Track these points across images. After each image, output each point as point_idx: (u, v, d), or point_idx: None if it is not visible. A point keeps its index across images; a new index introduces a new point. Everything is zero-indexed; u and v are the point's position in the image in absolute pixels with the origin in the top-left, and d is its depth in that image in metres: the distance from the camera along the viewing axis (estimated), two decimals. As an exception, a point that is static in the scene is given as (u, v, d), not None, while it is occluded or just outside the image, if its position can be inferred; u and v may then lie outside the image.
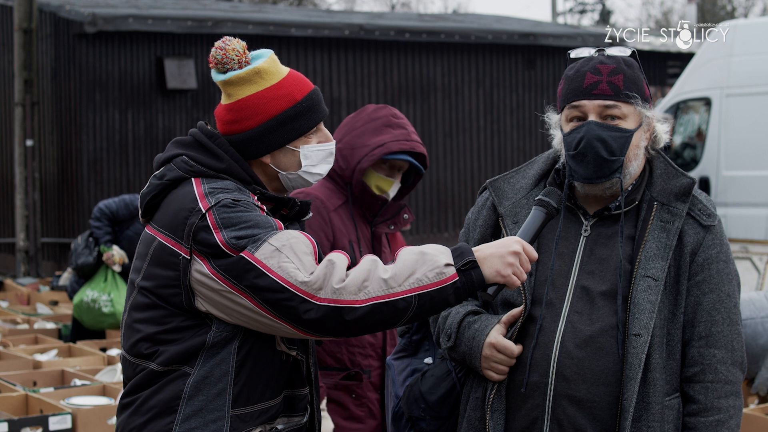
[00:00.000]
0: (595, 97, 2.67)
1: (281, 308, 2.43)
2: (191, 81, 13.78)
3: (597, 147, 2.65)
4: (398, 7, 40.06)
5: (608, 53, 2.73)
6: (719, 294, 2.70)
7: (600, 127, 2.66)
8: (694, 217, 2.72)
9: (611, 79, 2.67)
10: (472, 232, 2.89)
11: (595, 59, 2.72)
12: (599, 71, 2.68)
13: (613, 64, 2.70)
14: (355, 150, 3.81)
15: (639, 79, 2.72)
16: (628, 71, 2.70)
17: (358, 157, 3.80)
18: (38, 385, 6.07)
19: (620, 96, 2.67)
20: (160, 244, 2.57)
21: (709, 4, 36.25)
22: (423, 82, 15.68)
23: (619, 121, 2.68)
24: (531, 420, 2.68)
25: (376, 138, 3.81)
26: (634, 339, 2.61)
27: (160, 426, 2.55)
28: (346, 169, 3.82)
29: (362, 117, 3.90)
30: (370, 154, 3.79)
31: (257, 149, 2.67)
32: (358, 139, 3.83)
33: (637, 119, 2.70)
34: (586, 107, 2.68)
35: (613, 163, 2.66)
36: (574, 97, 2.70)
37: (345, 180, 3.84)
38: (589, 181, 2.70)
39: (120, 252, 8.09)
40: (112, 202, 8.33)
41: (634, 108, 2.69)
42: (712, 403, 2.67)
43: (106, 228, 8.22)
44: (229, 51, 2.65)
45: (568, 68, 2.77)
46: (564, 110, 2.74)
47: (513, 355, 2.69)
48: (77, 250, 8.28)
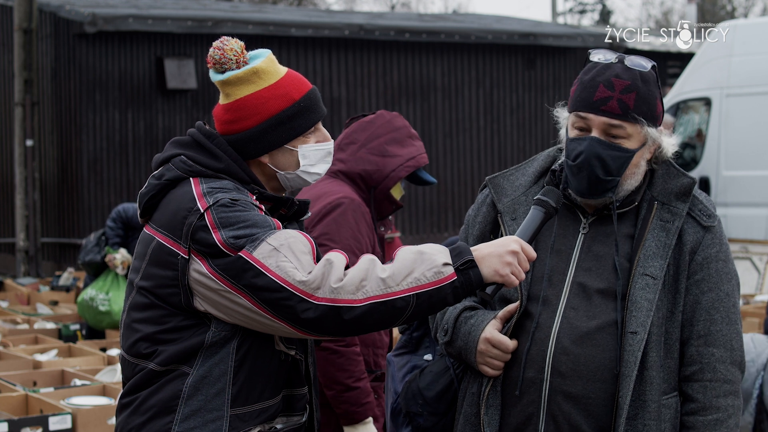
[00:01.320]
0: (603, 113, 2.63)
1: (279, 307, 2.44)
2: (191, 81, 13.78)
3: (594, 165, 2.63)
4: (398, 7, 40.06)
5: (627, 63, 2.67)
6: (718, 293, 2.70)
7: (601, 144, 2.63)
8: (694, 217, 2.72)
9: (622, 97, 2.62)
10: (471, 229, 2.89)
11: (611, 70, 2.65)
12: (613, 86, 2.63)
13: (629, 80, 2.63)
14: (386, 158, 3.86)
15: (652, 97, 2.67)
16: (643, 88, 2.64)
17: (393, 166, 3.86)
18: (38, 385, 6.07)
19: (628, 117, 2.63)
20: (158, 243, 2.57)
21: (709, 4, 36.25)
22: (423, 82, 15.68)
23: (622, 141, 2.64)
24: (526, 416, 2.68)
25: (404, 149, 3.90)
26: (631, 336, 2.61)
27: (159, 426, 2.55)
28: (374, 173, 3.85)
29: (382, 124, 3.93)
30: (405, 164, 3.87)
31: (255, 149, 2.67)
32: (388, 147, 3.88)
33: (641, 139, 2.67)
34: (592, 121, 2.65)
35: (608, 182, 2.65)
36: (582, 107, 2.66)
37: (370, 184, 3.87)
38: (581, 195, 2.70)
39: (126, 255, 8.16)
40: (131, 207, 8.54)
41: (641, 128, 2.65)
42: (711, 402, 2.67)
43: (118, 231, 8.37)
44: (227, 51, 2.65)
45: (585, 70, 2.71)
46: (572, 114, 2.71)
47: (508, 350, 2.69)
48: (87, 247, 8.40)
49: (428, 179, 4.07)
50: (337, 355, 3.62)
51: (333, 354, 3.62)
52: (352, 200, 3.75)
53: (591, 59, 2.72)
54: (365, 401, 3.66)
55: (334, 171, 3.84)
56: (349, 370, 3.63)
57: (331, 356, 3.62)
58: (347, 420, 3.68)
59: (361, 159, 3.83)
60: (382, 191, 3.88)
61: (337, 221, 3.67)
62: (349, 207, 3.70)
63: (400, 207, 4.01)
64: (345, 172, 3.84)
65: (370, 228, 3.82)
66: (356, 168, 3.83)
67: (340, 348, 3.62)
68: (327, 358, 3.62)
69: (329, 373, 3.63)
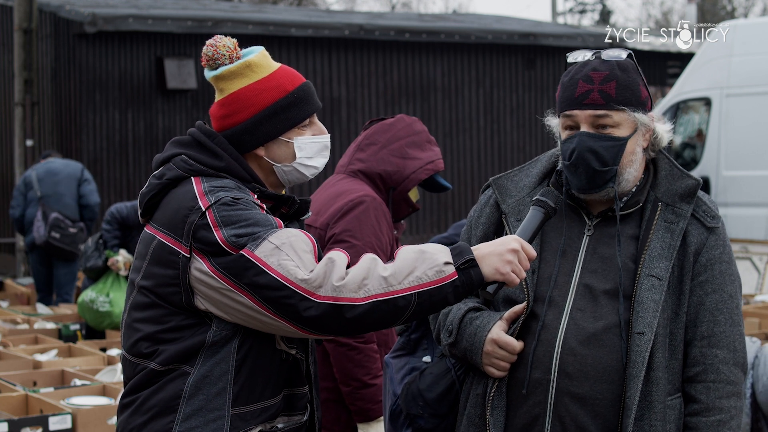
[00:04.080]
0: (586, 107, 2.66)
1: (281, 306, 2.43)
2: (191, 81, 13.78)
3: (588, 159, 2.65)
4: (398, 7, 40.07)
5: (603, 56, 2.70)
6: (722, 294, 2.70)
7: (591, 137, 2.65)
8: (699, 218, 2.72)
9: (602, 88, 2.65)
10: (474, 230, 2.89)
11: (589, 65, 2.70)
12: (591, 79, 2.67)
13: (606, 71, 2.67)
14: (407, 160, 3.90)
15: (634, 83, 2.69)
16: (622, 76, 2.67)
17: (413, 168, 3.89)
18: (38, 385, 6.06)
19: (611, 105, 2.65)
20: (159, 242, 2.57)
21: (709, 4, 36.26)
22: (423, 82, 15.68)
23: (612, 130, 2.66)
24: (532, 417, 2.68)
25: (424, 153, 3.94)
26: (638, 337, 2.61)
27: (161, 425, 2.55)
28: (394, 174, 3.88)
29: (403, 127, 3.97)
30: (425, 167, 3.91)
31: (251, 141, 2.68)
32: (409, 149, 3.92)
33: (631, 126, 2.68)
34: (578, 117, 2.68)
35: (606, 173, 2.66)
36: (566, 106, 2.70)
37: (389, 184, 3.90)
38: (583, 191, 2.71)
39: (126, 256, 8.15)
40: (124, 206, 8.47)
41: (628, 115, 2.67)
42: (714, 403, 2.66)
43: (115, 232, 8.34)
44: (220, 47, 2.67)
45: (564, 73, 2.76)
46: (560, 117, 2.74)
47: (515, 351, 2.69)
48: (87, 253, 8.37)
49: (445, 184, 4.10)
50: (355, 351, 3.63)
51: (352, 350, 3.63)
52: (374, 198, 3.78)
53: (569, 61, 2.76)
54: (381, 399, 3.66)
55: (354, 170, 3.88)
56: (367, 366, 3.65)
57: (349, 352, 3.63)
58: (362, 417, 3.69)
59: (382, 159, 3.87)
60: (401, 193, 3.91)
61: (359, 218, 3.69)
62: (371, 205, 3.73)
63: (417, 210, 4.04)
64: (365, 171, 3.87)
65: (390, 227, 3.85)
66: (377, 168, 3.86)
67: (359, 344, 3.64)
68: (346, 354, 3.63)
69: (347, 369, 3.64)
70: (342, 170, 3.91)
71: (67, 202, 10.37)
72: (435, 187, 4.10)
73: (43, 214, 10.29)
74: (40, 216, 10.30)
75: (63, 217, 10.26)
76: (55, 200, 10.35)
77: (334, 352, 3.67)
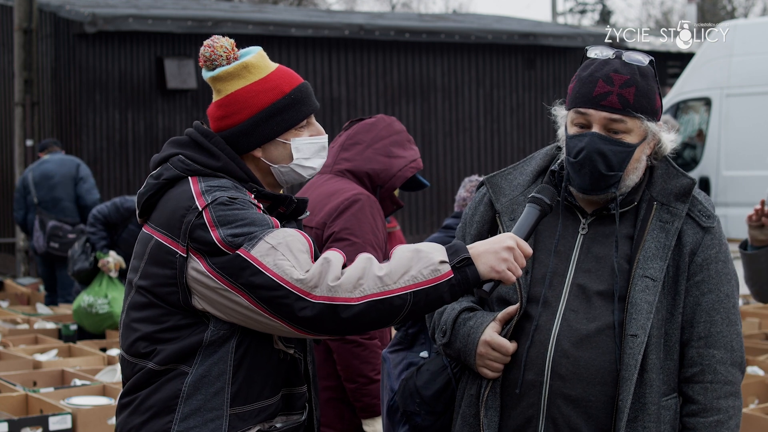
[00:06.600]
0: (603, 109, 2.62)
1: (276, 306, 2.44)
2: (191, 81, 13.78)
3: (596, 161, 2.62)
4: (398, 7, 40.05)
5: (625, 59, 2.66)
6: (718, 294, 2.69)
7: (602, 140, 2.62)
8: (694, 218, 2.71)
9: (622, 92, 2.61)
10: (468, 228, 2.88)
11: (610, 65, 2.65)
12: (612, 81, 2.62)
13: (627, 75, 2.63)
14: (392, 159, 3.94)
15: (651, 91, 2.66)
16: (642, 83, 2.63)
17: (399, 166, 3.94)
18: (38, 385, 6.07)
19: (628, 111, 2.62)
20: (157, 242, 2.57)
21: (709, 4, 36.24)
22: (423, 82, 15.68)
23: (623, 135, 2.63)
24: (526, 418, 2.67)
25: (407, 151, 3.99)
26: (631, 339, 2.60)
27: (159, 425, 2.56)
28: (381, 173, 3.91)
29: (384, 126, 4.00)
30: (409, 166, 3.96)
31: (248, 142, 2.68)
32: (393, 148, 3.96)
33: (642, 133, 2.66)
34: (592, 117, 2.64)
35: (611, 178, 2.64)
36: (582, 103, 2.65)
37: (376, 182, 3.93)
38: (584, 192, 2.68)
39: (116, 257, 8.10)
40: (104, 206, 8.39)
41: (641, 123, 2.64)
42: (712, 404, 2.66)
43: (101, 233, 8.27)
44: (217, 48, 2.67)
45: (583, 66, 2.70)
46: (571, 111, 2.69)
47: (508, 353, 2.68)
48: (74, 257, 8.30)
49: (424, 182, 4.17)
50: (362, 348, 3.65)
51: (358, 347, 3.65)
52: (369, 196, 3.82)
53: (588, 56, 2.71)
54: None
55: (341, 170, 3.90)
56: (373, 362, 3.67)
57: (355, 349, 3.65)
58: (367, 413, 3.70)
59: (369, 158, 3.90)
60: (387, 190, 3.94)
61: (357, 216, 3.72)
62: (366, 203, 3.77)
63: (401, 206, 4.08)
64: (352, 170, 3.90)
65: (383, 224, 3.90)
66: (364, 167, 3.89)
67: (365, 341, 3.67)
68: (352, 351, 3.65)
69: (353, 366, 3.66)
70: (327, 170, 3.92)
71: (64, 206, 10.36)
72: (414, 185, 4.15)
73: (41, 223, 10.28)
74: (38, 225, 10.30)
75: (61, 223, 10.24)
76: (52, 206, 10.35)
77: (339, 350, 3.68)
